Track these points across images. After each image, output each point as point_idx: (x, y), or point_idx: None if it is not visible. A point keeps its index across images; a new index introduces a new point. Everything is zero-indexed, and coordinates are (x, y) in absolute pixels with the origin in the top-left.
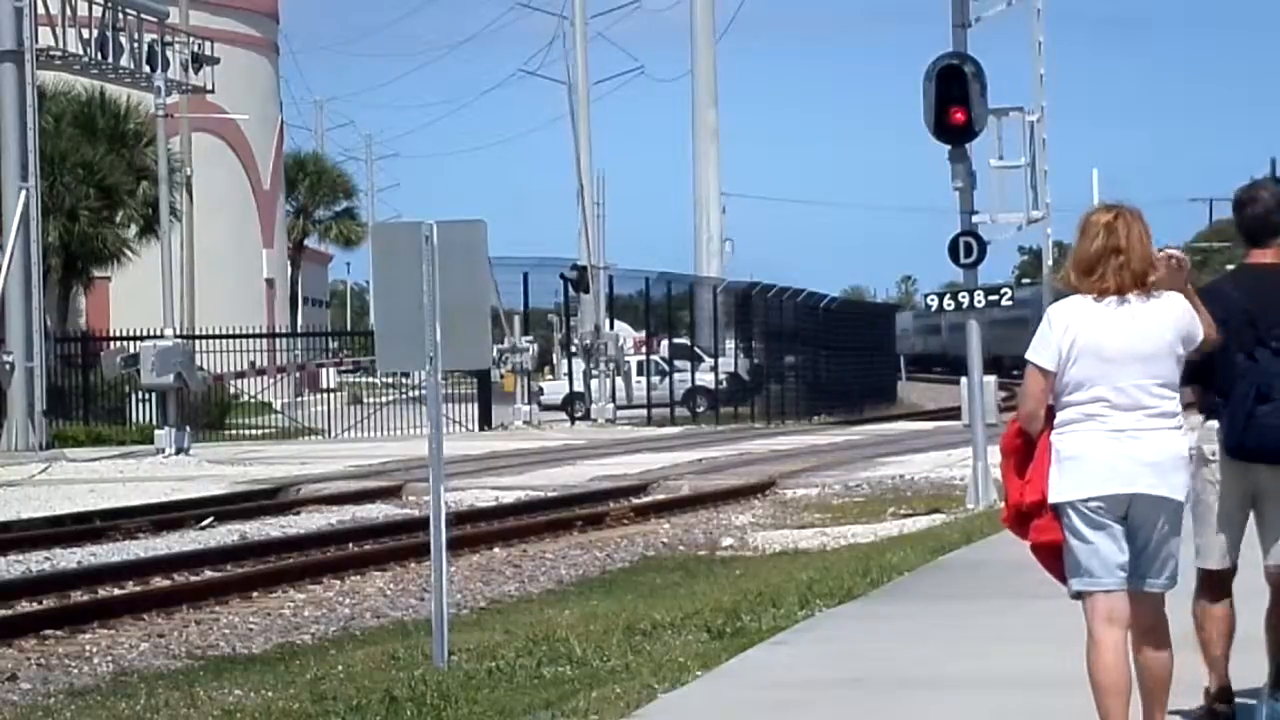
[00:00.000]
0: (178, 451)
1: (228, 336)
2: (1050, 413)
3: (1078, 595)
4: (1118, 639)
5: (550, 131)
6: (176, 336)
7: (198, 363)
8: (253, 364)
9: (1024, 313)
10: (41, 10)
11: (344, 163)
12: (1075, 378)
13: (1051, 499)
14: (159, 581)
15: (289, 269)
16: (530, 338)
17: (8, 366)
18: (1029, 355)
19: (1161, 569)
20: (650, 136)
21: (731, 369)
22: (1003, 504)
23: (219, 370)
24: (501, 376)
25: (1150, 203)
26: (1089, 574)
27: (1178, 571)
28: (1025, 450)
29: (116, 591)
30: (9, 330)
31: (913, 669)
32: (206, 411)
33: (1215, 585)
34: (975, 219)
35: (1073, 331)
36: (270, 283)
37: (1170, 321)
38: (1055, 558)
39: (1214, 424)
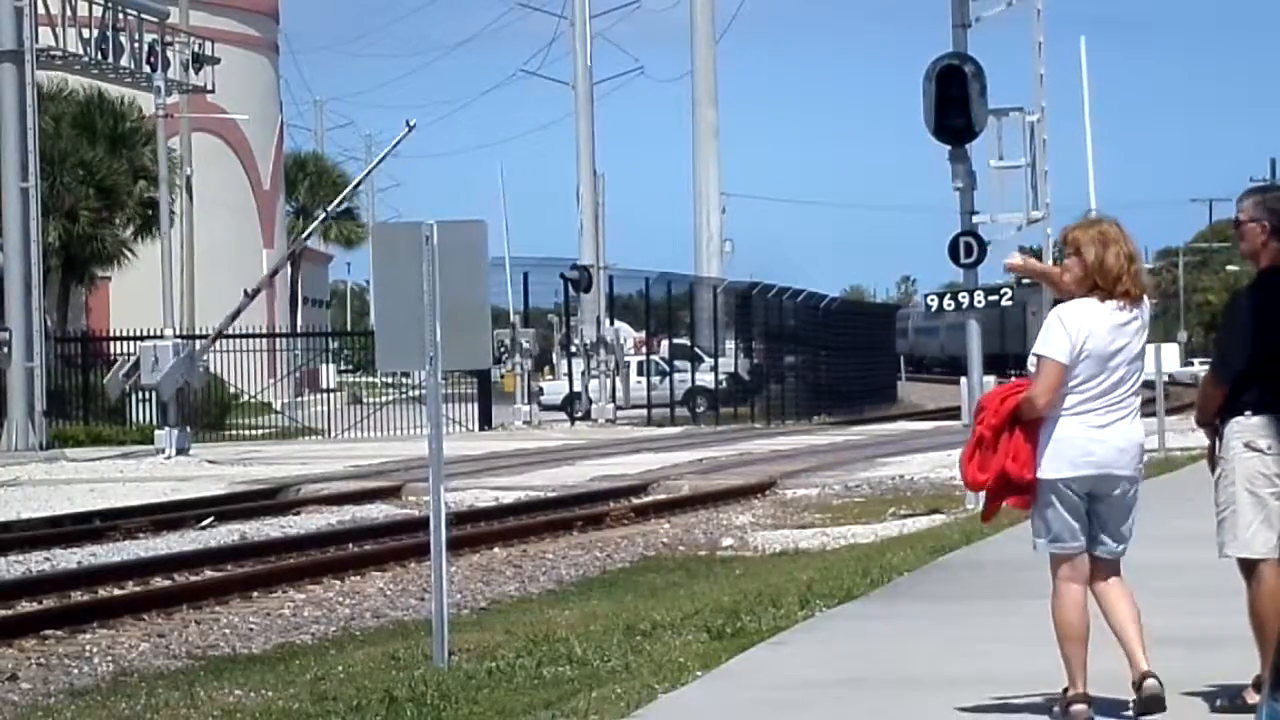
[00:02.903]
0: (178, 452)
1: (228, 336)
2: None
3: (1050, 556)
4: (1079, 592)
5: (550, 132)
6: (176, 336)
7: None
8: (248, 291)
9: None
10: (41, 10)
11: (344, 163)
12: (1078, 372)
13: (1041, 475)
14: (159, 581)
15: (289, 269)
16: (531, 333)
17: (5, 350)
18: (1046, 351)
19: (1119, 535)
20: (650, 136)
21: (731, 369)
22: (979, 480)
23: (219, 371)
24: (502, 376)
25: (1151, 203)
26: (1059, 539)
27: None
28: (1022, 430)
29: (116, 591)
30: (9, 331)
31: (913, 669)
32: (206, 411)
33: (1260, 571)
34: (975, 219)
35: (1085, 331)
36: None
37: (1145, 325)
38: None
39: (1255, 420)
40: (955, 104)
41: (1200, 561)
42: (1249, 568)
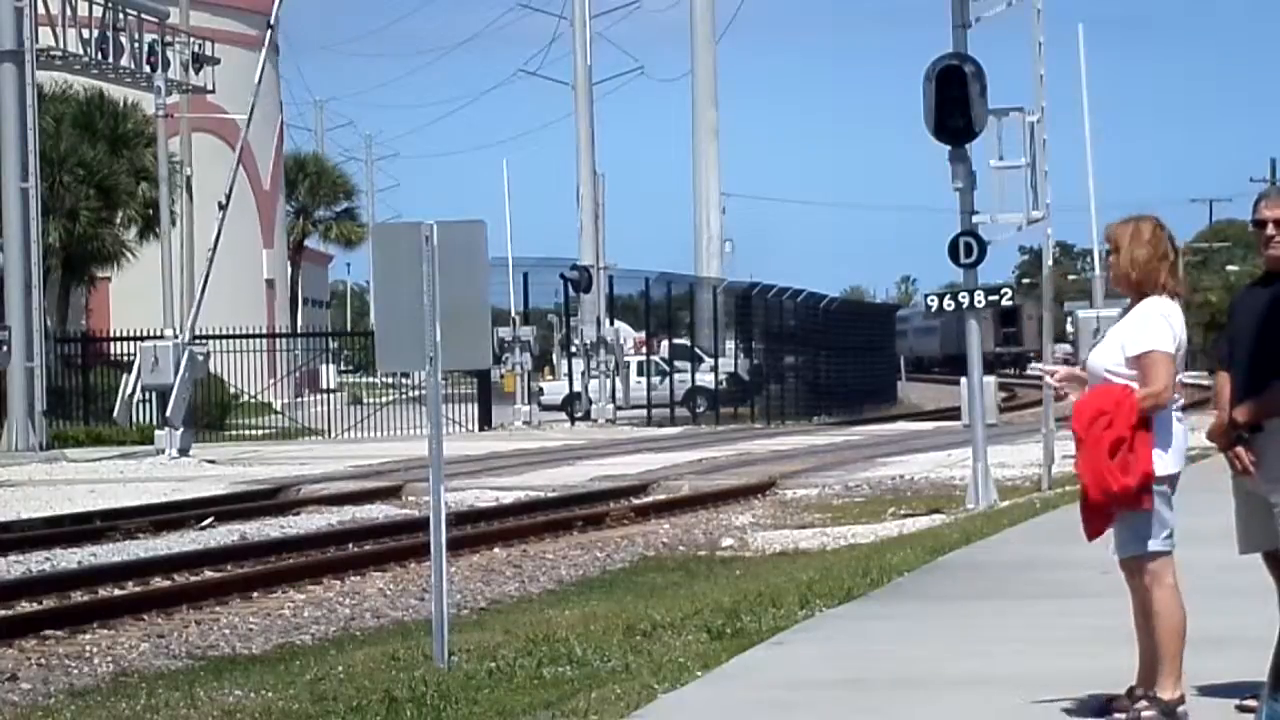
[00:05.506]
0: (179, 452)
1: (228, 336)
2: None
3: (1154, 554)
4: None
5: (550, 132)
6: (176, 337)
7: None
8: (221, 203)
9: (934, 323)
10: (41, 10)
11: (344, 163)
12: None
13: (1162, 471)
14: (159, 581)
15: (289, 269)
16: (531, 331)
17: (5, 350)
18: (1160, 345)
19: None
20: (650, 136)
21: (731, 369)
22: (1128, 486)
23: (219, 371)
24: (502, 377)
25: (1151, 203)
26: (1171, 535)
27: None
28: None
29: (116, 591)
30: (9, 330)
31: (913, 669)
32: (207, 412)
33: None
34: (975, 219)
35: (1178, 329)
36: (270, 283)
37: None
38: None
39: None
40: (955, 104)
41: (1198, 561)
42: None
